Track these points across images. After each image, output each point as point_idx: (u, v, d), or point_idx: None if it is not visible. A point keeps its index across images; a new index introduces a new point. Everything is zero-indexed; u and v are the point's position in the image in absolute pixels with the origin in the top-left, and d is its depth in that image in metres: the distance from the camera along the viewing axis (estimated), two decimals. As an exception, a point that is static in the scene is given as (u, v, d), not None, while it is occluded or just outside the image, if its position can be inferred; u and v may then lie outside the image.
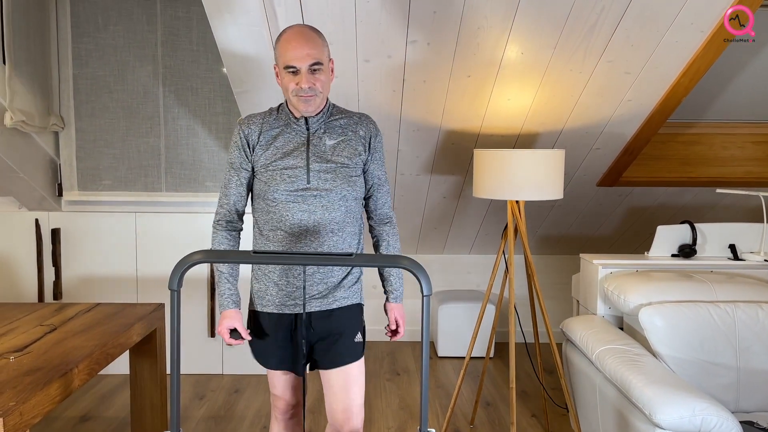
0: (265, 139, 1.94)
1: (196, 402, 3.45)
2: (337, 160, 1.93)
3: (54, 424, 3.15)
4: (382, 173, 2.04)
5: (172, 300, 1.60)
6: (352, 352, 1.99)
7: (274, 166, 1.92)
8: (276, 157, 1.92)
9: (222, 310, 1.98)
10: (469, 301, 4.22)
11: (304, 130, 1.94)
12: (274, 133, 1.95)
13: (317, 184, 1.91)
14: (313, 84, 1.85)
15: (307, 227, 1.91)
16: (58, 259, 3.74)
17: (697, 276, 2.67)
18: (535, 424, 3.23)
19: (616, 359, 2.33)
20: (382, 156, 2.04)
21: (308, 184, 1.90)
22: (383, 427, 3.16)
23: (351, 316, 2.00)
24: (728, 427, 1.92)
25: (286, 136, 1.95)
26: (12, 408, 1.52)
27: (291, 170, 1.90)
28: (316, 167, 1.91)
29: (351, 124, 1.98)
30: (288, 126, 1.96)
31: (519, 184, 2.63)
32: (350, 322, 1.99)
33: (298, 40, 1.84)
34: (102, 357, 1.98)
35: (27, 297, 3.78)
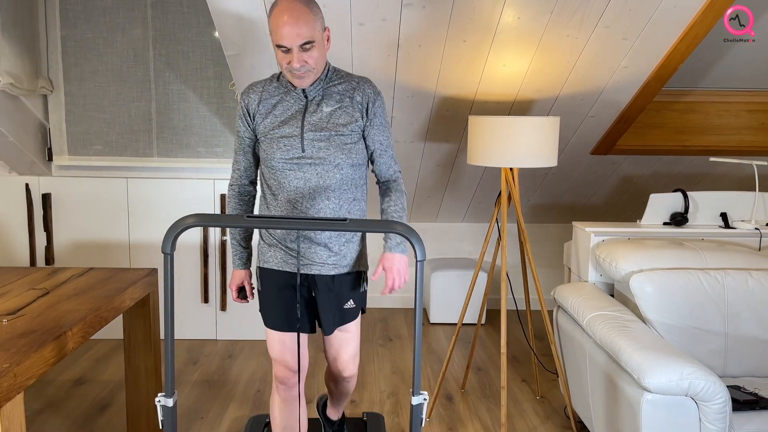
0: (265, 108, 1.98)
1: (190, 367, 3.48)
2: (331, 128, 1.94)
3: (48, 388, 3.17)
4: (384, 138, 2.03)
5: (165, 264, 1.60)
6: (351, 316, 2.08)
7: (272, 134, 1.96)
8: (273, 126, 1.96)
9: (234, 269, 2.13)
10: (461, 268, 4.25)
11: (302, 98, 1.97)
12: (273, 101, 1.98)
13: (311, 152, 1.93)
14: (305, 62, 1.85)
15: (303, 194, 1.95)
16: (50, 224, 3.72)
17: (688, 244, 2.69)
18: (525, 389, 3.28)
19: (606, 325, 2.35)
20: (384, 121, 2.02)
21: (303, 152, 1.93)
22: (376, 392, 3.21)
23: (353, 284, 2.05)
24: (715, 390, 1.96)
25: (284, 104, 1.97)
26: (6, 370, 1.52)
27: (286, 138, 1.94)
28: (310, 136, 1.93)
29: (348, 90, 1.98)
30: (287, 94, 1.98)
31: (513, 151, 2.62)
32: (352, 291, 2.05)
33: (288, 17, 1.80)
34: (95, 321, 1.98)
35: (19, 262, 3.77)
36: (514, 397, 3.18)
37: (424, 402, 1.65)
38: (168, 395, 1.64)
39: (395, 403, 3.08)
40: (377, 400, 3.11)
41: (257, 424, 2.73)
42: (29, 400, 3.03)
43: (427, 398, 1.66)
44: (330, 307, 2.03)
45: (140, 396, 2.48)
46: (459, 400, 3.13)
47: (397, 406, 3.06)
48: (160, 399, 1.64)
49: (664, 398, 2.00)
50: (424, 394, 1.66)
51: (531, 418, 2.95)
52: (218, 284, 3.82)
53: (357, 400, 3.10)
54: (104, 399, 3.06)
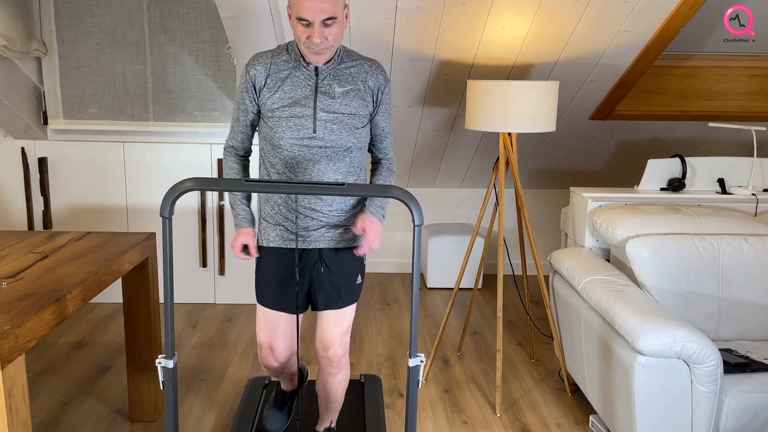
0: (273, 82, 1.91)
1: (189, 330, 3.51)
2: (344, 110, 1.91)
3: (50, 350, 3.21)
4: (387, 124, 2.03)
5: (163, 227, 1.61)
6: (350, 297, 2.05)
7: (281, 112, 1.90)
8: (283, 104, 1.90)
9: (237, 229, 2.04)
10: (458, 234, 4.26)
11: (313, 76, 1.91)
12: (282, 75, 1.92)
13: (323, 134, 1.90)
14: (325, 38, 1.80)
15: (310, 176, 1.93)
16: (47, 188, 3.71)
17: (684, 209, 2.70)
18: (520, 352, 3.32)
19: (601, 290, 2.38)
20: (389, 107, 2.02)
21: (314, 133, 1.90)
22: (373, 354, 3.25)
23: (354, 259, 2.04)
24: (707, 353, 1.99)
25: (294, 80, 1.91)
26: (7, 332, 1.53)
27: (297, 119, 1.89)
28: (323, 117, 1.90)
29: (361, 74, 1.94)
30: (297, 69, 1.92)
31: (512, 116, 2.61)
32: (353, 266, 2.04)
33: None
34: (95, 284, 2.00)
35: (16, 226, 3.78)
36: (509, 360, 3.23)
37: (420, 364, 1.68)
38: (168, 357, 1.66)
39: (392, 366, 3.12)
40: (375, 363, 3.15)
41: (257, 385, 2.77)
42: (31, 362, 3.07)
43: (423, 360, 1.69)
44: (334, 284, 2.01)
45: (140, 358, 2.51)
46: (455, 363, 3.18)
47: (394, 368, 3.10)
48: (160, 360, 1.66)
49: (657, 361, 2.03)
50: (420, 356, 1.68)
51: (526, 381, 3.00)
52: (216, 249, 3.83)
53: (355, 363, 3.15)
54: (105, 361, 3.10)
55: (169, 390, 1.68)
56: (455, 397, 2.84)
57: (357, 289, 2.06)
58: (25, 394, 1.62)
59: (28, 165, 3.69)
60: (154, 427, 2.53)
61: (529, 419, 2.66)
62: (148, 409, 2.55)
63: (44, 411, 2.64)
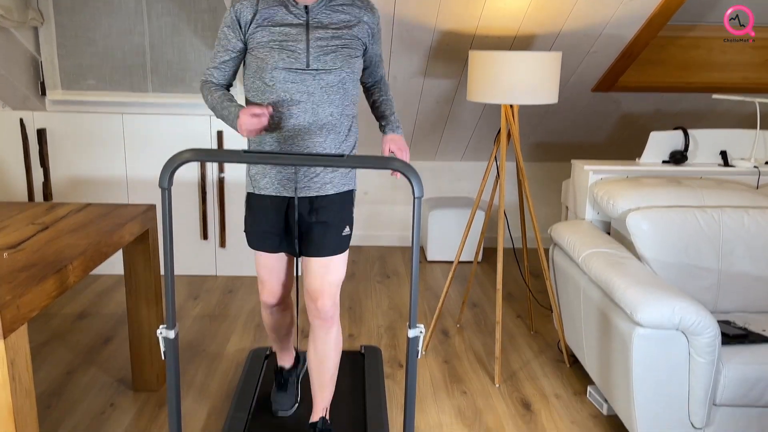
0: (262, 18, 1.90)
1: (191, 302, 3.53)
2: (337, 42, 1.91)
3: (52, 321, 3.23)
4: (379, 50, 2.11)
5: (163, 198, 1.60)
6: (339, 246, 2.03)
7: (272, 45, 1.88)
8: (273, 38, 1.88)
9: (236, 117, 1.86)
10: (459, 207, 4.26)
11: (303, 14, 1.91)
12: (271, 12, 1.90)
13: (317, 65, 1.89)
14: None
15: (305, 109, 1.91)
16: (46, 159, 3.70)
17: (686, 182, 2.69)
18: (519, 324, 3.34)
19: (601, 262, 2.38)
20: (380, 36, 2.08)
21: (308, 66, 1.89)
22: (374, 326, 3.27)
23: (343, 206, 2.03)
24: (705, 325, 2.00)
25: (284, 17, 1.90)
26: (8, 302, 1.54)
27: (289, 51, 1.88)
28: (317, 50, 1.89)
29: (354, 10, 1.96)
30: (286, 8, 1.91)
31: (514, 87, 2.58)
32: (342, 213, 2.03)
33: None
34: (96, 255, 2.00)
35: (16, 198, 3.77)
36: (508, 332, 3.25)
37: (420, 335, 1.69)
38: (169, 327, 1.67)
39: (392, 337, 3.15)
40: (375, 334, 3.17)
41: (258, 356, 2.79)
42: (34, 332, 3.10)
43: (423, 331, 1.69)
44: (323, 233, 2.00)
45: (142, 329, 2.53)
46: (454, 335, 3.20)
47: (394, 339, 3.13)
48: (161, 331, 1.68)
49: (655, 332, 2.04)
50: (420, 328, 1.69)
51: (525, 352, 3.03)
52: (217, 221, 3.83)
53: (355, 334, 3.17)
54: (107, 332, 3.12)
55: (170, 360, 1.69)
56: (454, 368, 2.86)
57: (344, 240, 2.04)
58: (28, 363, 1.63)
59: (27, 136, 3.67)
60: (156, 396, 2.56)
61: (527, 390, 2.69)
62: (150, 379, 2.58)
63: (48, 381, 2.66)
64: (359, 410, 2.41)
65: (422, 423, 2.44)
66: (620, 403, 2.20)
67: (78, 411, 2.45)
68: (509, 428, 2.41)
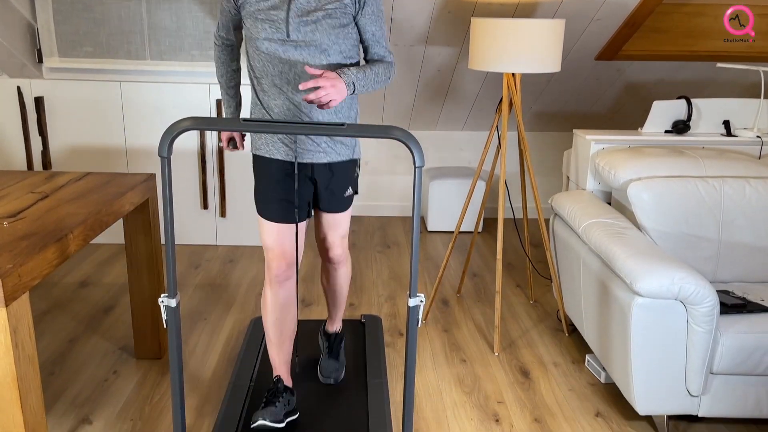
0: None
1: (192, 271, 3.55)
2: (320, 14, 1.89)
3: (54, 290, 3.25)
4: (377, 28, 1.98)
5: (162, 167, 1.59)
6: (344, 205, 2.16)
7: (256, 15, 1.92)
8: (258, 7, 1.91)
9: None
10: (460, 177, 4.25)
11: None
12: None
13: (296, 36, 1.90)
14: None
15: (288, 79, 1.95)
16: (44, 128, 3.68)
17: (688, 152, 2.67)
18: (519, 294, 3.36)
19: (601, 232, 2.38)
20: (377, 10, 1.96)
21: (288, 36, 1.90)
22: (374, 295, 3.29)
23: (347, 173, 2.11)
24: (704, 294, 2.01)
25: None
26: (10, 270, 1.54)
27: (271, 22, 1.90)
28: (296, 19, 1.88)
29: None
30: None
31: (516, 55, 2.55)
32: (346, 179, 2.12)
33: None
34: (96, 224, 2.00)
35: (15, 166, 3.76)
36: (508, 301, 3.27)
37: (420, 304, 1.70)
38: (170, 296, 1.68)
39: (392, 306, 3.17)
40: (375, 304, 3.19)
41: (259, 325, 2.81)
42: (35, 301, 3.12)
43: (423, 300, 1.70)
44: (329, 195, 2.11)
45: (143, 298, 2.54)
46: (454, 304, 3.22)
47: (394, 308, 3.15)
48: (163, 300, 1.68)
49: (654, 302, 2.05)
50: (420, 296, 1.70)
51: (524, 321, 3.05)
52: (217, 190, 3.83)
53: (355, 304, 3.19)
54: (109, 301, 3.14)
55: (172, 328, 1.70)
56: (454, 337, 2.89)
57: (347, 200, 2.16)
58: (31, 331, 1.64)
59: (24, 104, 3.64)
60: (159, 364, 2.58)
61: (526, 358, 2.72)
62: (153, 347, 2.60)
63: (50, 349, 2.69)
64: (360, 378, 2.44)
65: (422, 390, 2.47)
66: (618, 371, 2.23)
67: (81, 378, 2.48)
68: (508, 395, 2.44)
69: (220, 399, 2.37)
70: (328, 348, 2.48)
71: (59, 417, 2.24)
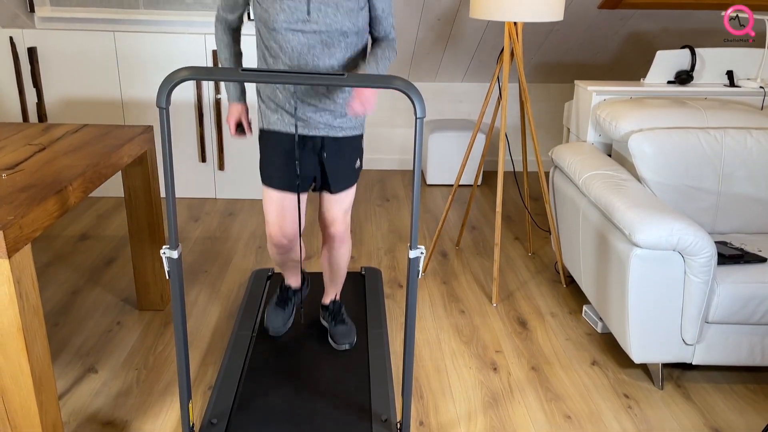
0: None
1: (192, 224, 3.55)
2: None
3: (55, 242, 3.26)
4: (387, 5, 1.97)
5: (161, 118, 1.58)
6: (350, 180, 2.13)
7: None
8: None
9: (229, 103, 2.13)
10: (459, 130, 4.22)
11: None
12: None
13: (317, 17, 1.86)
14: None
15: (306, 61, 1.91)
16: (38, 79, 3.62)
17: (690, 103, 2.65)
18: (517, 246, 3.38)
19: (601, 184, 2.38)
20: None
21: (308, 16, 1.86)
22: (373, 248, 3.31)
23: (354, 148, 2.10)
24: (702, 245, 2.02)
25: None
26: (11, 222, 1.55)
27: (290, 1, 1.85)
28: (317, 1, 1.85)
29: None
30: None
31: (518, 3, 2.50)
32: (353, 154, 2.10)
33: None
34: (95, 176, 1.99)
35: (11, 118, 3.72)
36: (506, 253, 3.29)
37: (420, 255, 1.71)
38: (172, 247, 1.69)
39: (392, 259, 3.19)
40: (375, 256, 3.21)
41: (260, 277, 2.84)
42: (37, 254, 3.13)
43: (423, 252, 1.71)
44: (336, 169, 2.08)
45: (144, 251, 2.55)
46: (453, 257, 3.24)
47: (393, 261, 3.17)
48: (165, 251, 1.69)
49: (652, 253, 2.06)
50: (420, 248, 1.71)
51: (522, 273, 3.08)
52: (215, 143, 3.80)
53: (356, 256, 3.21)
54: (110, 253, 3.16)
55: (174, 279, 1.72)
56: (453, 289, 2.92)
57: (356, 173, 2.14)
58: (34, 282, 1.65)
59: (17, 55, 3.58)
60: (162, 315, 2.61)
61: (524, 309, 2.75)
62: (155, 299, 2.63)
63: (54, 300, 2.72)
64: (360, 329, 2.47)
65: (421, 340, 2.51)
66: (615, 321, 2.26)
67: (85, 329, 2.51)
68: (505, 345, 2.48)
69: (223, 349, 2.41)
70: (332, 317, 2.44)
71: (65, 366, 2.28)
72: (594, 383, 2.26)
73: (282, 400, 2.05)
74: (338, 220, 2.18)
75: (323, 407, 2.02)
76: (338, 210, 2.17)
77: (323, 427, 1.94)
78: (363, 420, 1.96)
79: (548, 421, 2.07)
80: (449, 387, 2.23)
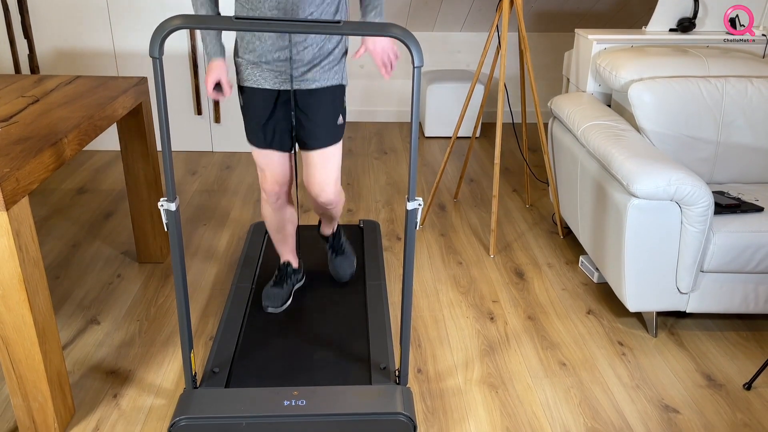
0: None
1: (189, 177, 3.54)
2: None
3: (52, 196, 3.25)
4: None
5: (155, 68, 1.55)
6: (333, 136, 2.03)
7: None
8: None
9: (208, 61, 1.94)
10: (458, 81, 4.16)
11: None
12: None
13: None
14: None
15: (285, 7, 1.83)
16: (29, 30, 3.55)
17: (692, 51, 2.61)
18: (515, 198, 3.39)
19: (600, 134, 2.36)
20: None
21: None
22: (371, 201, 3.31)
23: (334, 98, 2.00)
24: (699, 195, 2.02)
25: None
26: (7, 174, 1.54)
27: None
28: None
29: None
30: None
31: (518, -52, 2.43)
32: (333, 105, 2.01)
33: None
34: (90, 128, 1.97)
35: (2, 70, 3.67)
36: (504, 205, 3.30)
37: (418, 207, 1.71)
38: (170, 200, 1.69)
39: (390, 212, 3.20)
40: (373, 209, 3.22)
41: (259, 229, 2.85)
42: (35, 207, 3.13)
43: (421, 204, 1.71)
44: (318, 122, 1.99)
45: (142, 203, 2.55)
46: (451, 209, 3.25)
47: (391, 214, 3.18)
48: (162, 204, 1.69)
49: (649, 203, 2.07)
50: (418, 200, 1.71)
51: (519, 224, 3.09)
52: (210, 96, 3.76)
53: (353, 209, 3.21)
54: (108, 206, 3.16)
55: (173, 232, 1.72)
56: (450, 241, 2.93)
57: (338, 130, 2.04)
58: (33, 234, 1.66)
59: (7, 6, 3.50)
60: (161, 268, 2.63)
61: (521, 260, 2.77)
62: (155, 251, 2.64)
63: (54, 253, 2.73)
64: (359, 281, 2.50)
65: (419, 291, 2.53)
66: (611, 270, 2.28)
67: (86, 281, 2.53)
68: (502, 295, 2.51)
69: (223, 301, 2.43)
70: (331, 247, 2.47)
71: (67, 318, 2.31)
72: (589, 331, 2.30)
73: (282, 350, 2.09)
74: (327, 189, 2.08)
75: (323, 356, 2.06)
76: (323, 176, 2.06)
77: (323, 375, 1.98)
78: (362, 368, 2.00)
79: (544, 368, 2.11)
80: (447, 336, 2.27)
